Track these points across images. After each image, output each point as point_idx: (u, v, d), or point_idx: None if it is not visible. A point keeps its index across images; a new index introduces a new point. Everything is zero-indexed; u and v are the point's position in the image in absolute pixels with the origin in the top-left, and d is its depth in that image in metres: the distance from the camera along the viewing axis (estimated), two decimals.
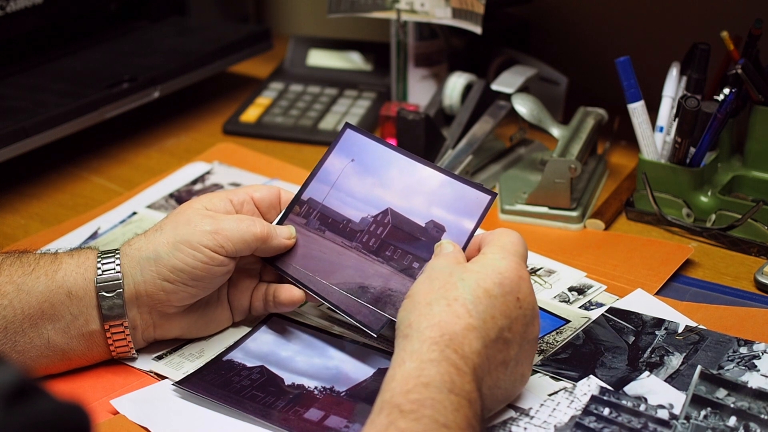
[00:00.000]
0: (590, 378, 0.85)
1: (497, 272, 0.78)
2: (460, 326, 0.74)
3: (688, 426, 0.79)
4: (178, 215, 0.88)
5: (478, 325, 0.75)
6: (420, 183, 0.89)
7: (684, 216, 1.11)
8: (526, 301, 0.78)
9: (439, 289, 0.77)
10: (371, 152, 0.92)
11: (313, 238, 0.91)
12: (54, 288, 0.85)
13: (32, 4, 1.32)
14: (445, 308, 0.75)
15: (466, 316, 0.75)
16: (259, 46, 1.48)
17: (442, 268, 0.79)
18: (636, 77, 1.10)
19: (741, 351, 0.87)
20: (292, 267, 0.90)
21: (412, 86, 1.36)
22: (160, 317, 0.88)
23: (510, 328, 0.77)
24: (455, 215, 0.87)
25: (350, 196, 0.92)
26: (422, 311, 0.76)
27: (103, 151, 1.34)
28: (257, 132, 1.37)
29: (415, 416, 0.68)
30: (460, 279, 0.77)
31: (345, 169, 0.93)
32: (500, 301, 0.77)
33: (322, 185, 0.93)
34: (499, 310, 0.76)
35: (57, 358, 0.86)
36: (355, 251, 0.89)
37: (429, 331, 0.74)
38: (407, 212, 0.89)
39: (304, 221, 0.92)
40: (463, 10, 1.24)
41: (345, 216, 0.91)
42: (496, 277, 0.77)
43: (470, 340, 0.74)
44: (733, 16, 1.28)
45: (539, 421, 0.80)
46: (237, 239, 0.86)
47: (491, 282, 0.77)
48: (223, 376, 0.87)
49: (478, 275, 0.77)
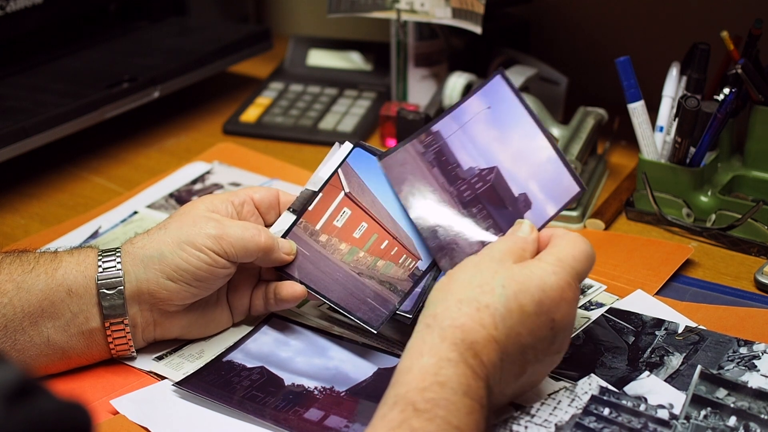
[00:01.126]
0: (591, 377, 0.85)
1: (540, 288, 0.75)
2: (482, 335, 0.73)
3: (688, 426, 0.79)
4: (183, 216, 0.88)
5: (500, 340, 0.74)
6: (533, 151, 0.88)
7: (684, 216, 1.11)
8: (563, 322, 0.76)
9: (477, 287, 0.76)
10: (508, 106, 0.91)
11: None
12: (54, 286, 0.85)
13: (32, 4, 1.32)
14: (473, 312, 0.74)
15: (491, 328, 0.74)
16: (259, 46, 1.48)
17: (490, 261, 0.77)
18: (636, 77, 1.10)
19: (741, 351, 0.87)
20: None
21: (412, 86, 1.36)
22: (161, 315, 0.88)
23: (534, 347, 0.76)
24: (545, 195, 0.86)
25: (471, 141, 0.90)
26: (450, 306, 0.75)
27: (103, 151, 1.34)
28: (257, 132, 1.38)
29: (428, 416, 0.68)
30: (501, 285, 0.75)
31: (479, 114, 0.91)
32: (532, 319, 0.75)
33: (453, 123, 0.92)
34: (527, 328, 0.75)
35: (57, 356, 0.87)
36: (447, 200, 0.89)
37: (451, 331, 0.73)
38: (510, 176, 0.88)
39: (423, 151, 0.91)
40: (463, 10, 1.24)
41: (457, 159, 0.90)
42: (536, 294, 0.75)
43: (489, 351, 0.73)
44: (733, 16, 1.28)
45: (540, 419, 0.80)
46: (240, 247, 0.86)
47: (530, 298, 0.75)
48: (223, 376, 0.87)
49: (519, 287, 0.75)
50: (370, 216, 0.92)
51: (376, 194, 0.92)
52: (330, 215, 0.93)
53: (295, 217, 0.93)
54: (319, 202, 0.93)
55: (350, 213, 0.92)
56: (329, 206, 0.93)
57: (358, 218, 0.92)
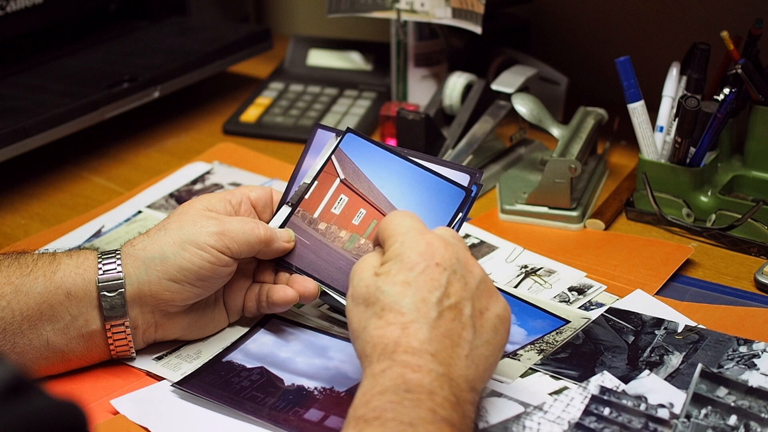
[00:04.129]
0: (604, 374, 0.85)
1: (402, 260, 0.76)
2: (397, 329, 0.74)
3: (688, 425, 0.79)
4: (182, 215, 0.88)
5: (414, 317, 0.74)
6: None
7: (684, 216, 1.11)
8: (446, 258, 0.76)
9: (365, 309, 0.76)
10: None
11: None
12: (52, 289, 0.85)
13: (32, 4, 1.32)
14: (378, 322, 0.75)
15: (399, 317, 0.74)
16: (259, 46, 1.48)
17: (358, 285, 0.78)
18: (636, 77, 1.10)
19: (741, 350, 0.87)
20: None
21: (412, 86, 1.36)
22: (162, 317, 0.88)
23: (447, 294, 0.75)
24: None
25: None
26: (361, 337, 0.76)
27: (103, 151, 1.34)
28: (257, 132, 1.38)
29: (379, 422, 0.68)
30: (378, 289, 0.76)
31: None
32: (422, 280, 0.75)
33: None
34: (426, 289, 0.75)
35: (56, 359, 0.86)
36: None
37: (373, 350, 0.74)
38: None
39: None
40: (463, 10, 1.24)
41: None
42: (405, 265, 0.76)
43: (413, 334, 0.73)
44: (733, 16, 1.28)
45: (553, 416, 0.80)
46: (242, 241, 0.87)
47: (404, 272, 0.76)
48: (223, 377, 0.87)
49: (389, 276, 0.76)
50: (368, 202, 0.92)
51: (372, 179, 0.92)
52: (327, 202, 0.93)
53: (291, 209, 0.93)
54: (315, 190, 0.93)
55: (348, 200, 0.92)
56: (326, 194, 0.93)
57: (356, 204, 0.92)
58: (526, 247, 1.07)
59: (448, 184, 0.90)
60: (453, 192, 0.89)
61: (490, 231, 1.10)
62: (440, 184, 0.90)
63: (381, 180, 0.92)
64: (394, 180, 0.91)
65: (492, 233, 1.10)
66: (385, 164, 0.92)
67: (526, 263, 1.04)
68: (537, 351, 0.89)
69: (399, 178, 0.91)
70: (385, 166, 0.92)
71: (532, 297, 0.98)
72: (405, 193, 0.91)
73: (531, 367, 0.87)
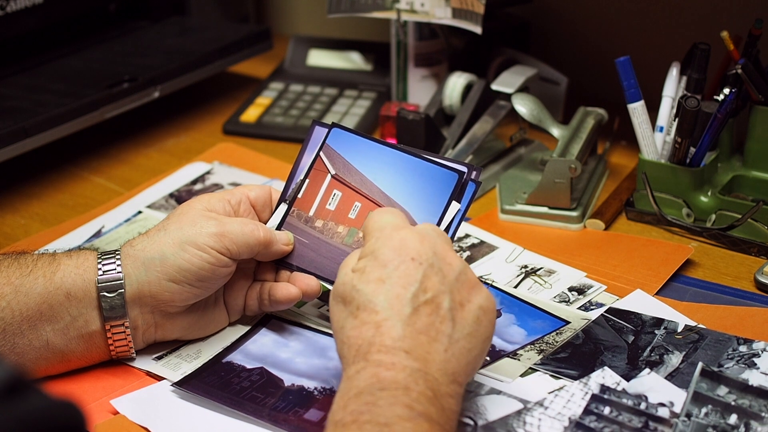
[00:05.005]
0: (605, 369, 0.85)
1: (376, 257, 0.76)
2: (371, 329, 0.73)
3: (688, 424, 0.79)
4: (182, 216, 0.88)
5: (387, 315, 0.73)
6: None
7: (684, 216, 1.11)
8: (421, 252, 0.76)
9: (343, 308, 0.76)
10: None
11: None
12: (52, 289, 0.85)
13: (32, 4, 1.32)
14: (353, 322, 0.75)
15: (373, 316, 0.74)
16: (259, 46, 1.48)
17: (338, 283, 0.78)
18: (636, 77, 1.10)
19: (740, 349, 0.87)
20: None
21: (412, 86, 1.36)
22: (162, 317, 0.88)
23: (424, 288, 0.74)
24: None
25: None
26: (339, 337, 0.76)
27: (103, 151, 1.34)
28: (257, 132, 1.37)
29: (356, 426, 0.68)
30: (353, 288, 0.76)
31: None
32: (396, 276, 0.75)
33: None
34: (400, 285, 0.74)
35: (56, 359, 0.86)
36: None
37: (349, 351, 0.74)
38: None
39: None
40: (463, 10, 1.24)
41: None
42: (380, 261, 0.76)
43: (387, 332, 0.73)
44: (733, 16, 1.28)
45: (553, 412, 0.80)
46: (242, 243, 0.87)
47: (378, 269, 0.75)
48: (223, 377, 0.87)
49: (364, 273, 0.76)
50: (361, 194, 0.91)
51: (363, 171, 0.92)
52: (321, 199, 0.93)
53: (287, 207, 0.93)
54: (307, 189, 0.93)
55: (341, 194, 0.92)
56: (318, 191, 0.93)
57: (350, 199, 0.92)
58: (526, 247, 1.07)
59: (441, 169, 0.89)
60: (446, 176, 0.89)
61: (490, 231, 1.10)
62: (432, 170, 0.90)
63: (372, 171, 0.92)
64: (385, 170, 0.91)
65: (492, 233, 1.10)
66: (375, 155, 0.92)
67: (526, 263, 1.04)
68: (537, 351, 0.89)
69: (390, 167, 0.91)
70: (375, 157, 0.92)
71: (532, 297, 0.98)
72: (398, 182, 0.90)
73: (531, 366, 0.87)
